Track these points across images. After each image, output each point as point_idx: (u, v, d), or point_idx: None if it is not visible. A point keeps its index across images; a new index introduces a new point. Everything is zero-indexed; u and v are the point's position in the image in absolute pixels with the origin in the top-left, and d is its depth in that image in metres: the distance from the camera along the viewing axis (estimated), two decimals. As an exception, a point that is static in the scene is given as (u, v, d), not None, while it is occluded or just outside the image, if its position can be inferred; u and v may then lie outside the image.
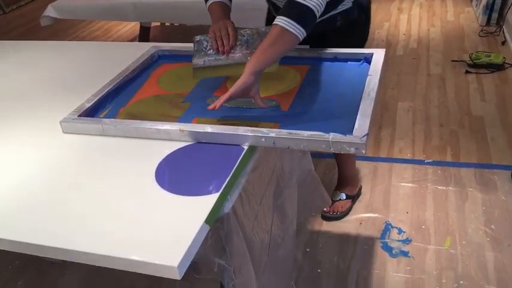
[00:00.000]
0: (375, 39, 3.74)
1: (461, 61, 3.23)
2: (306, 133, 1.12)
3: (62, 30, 4.69)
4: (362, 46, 1.67)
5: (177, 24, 4.41)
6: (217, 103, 1.22)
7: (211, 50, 1.43)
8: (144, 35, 3.82)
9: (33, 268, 1.93)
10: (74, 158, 1.20)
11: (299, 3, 1.22)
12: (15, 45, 2.06)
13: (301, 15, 1.22)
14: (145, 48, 1.70)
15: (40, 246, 0.94)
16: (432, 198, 2.10)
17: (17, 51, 1.97)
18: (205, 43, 1.45)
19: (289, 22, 1.21)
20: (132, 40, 4.30)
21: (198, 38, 1.47)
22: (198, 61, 1.42)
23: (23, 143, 1.29)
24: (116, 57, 1.72)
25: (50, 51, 1.95)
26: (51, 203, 1.04)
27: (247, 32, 1.44)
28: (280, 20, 1.22)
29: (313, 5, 1.22)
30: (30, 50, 1.97)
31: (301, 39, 1.24)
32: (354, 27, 1.61)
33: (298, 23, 1.21)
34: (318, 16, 1.25)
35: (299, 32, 1.22)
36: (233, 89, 1.21)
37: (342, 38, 1.60)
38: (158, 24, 4.43)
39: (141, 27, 3.82)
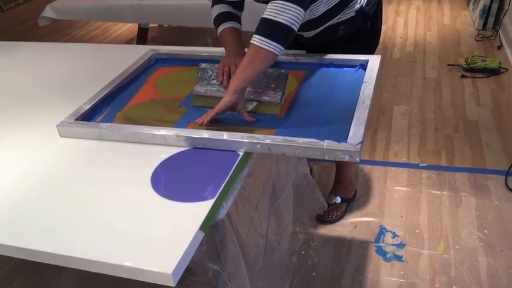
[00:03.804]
0: (372, 42, 3.74)
1: (457, 65, 3.25)
2: (301, 140, 1.13)
3: (60, 29, 4.69)
4: (371, 54, 1.68)
5: (175, 26, 4.42)
6: (205, 119, 1.26)
7: (215, 81, 1.43)
8: (143, 35, 3.83)
9: (29, 268, 1.94)
10: (70, 162, 1.21)
11: (271, 20, 1.25)
12: (12, 46, 2.06)
13: (274, 32, 1.25)
14: (142, 51, 1.71)
15: (32, 251, 0.94)
16: (426, 202, 2.11)
17: (14, 52, 1.97)
18: (210, 72, 1.44)
19: (263, 40, 1.25)
20: (131, 40, 4.31)
21: (203, 65, 1.46)
22: (199, 88, 1.42)
23: (17, 146, 1.30)
24: (113, 59, 1.73)
25: (47, 52, 1.96)
26: (44, 208, 1.05)
27: None
28: (255, 39, 1.26)
29: (286, 20, 1.24)
30: (26, 51, 1.98)
31: (278, 55, 1.27)
32: (359, 36, 1.63)
33: (272, 39, 1.24)
34: (295, 29, 1.27)
35: (274, 48, 1.25)
36: (218, 107, 1.26)
37: (348, 45, 1.62)
38: (156, 24, 4.43)
39: (139, 28, 3.83)
